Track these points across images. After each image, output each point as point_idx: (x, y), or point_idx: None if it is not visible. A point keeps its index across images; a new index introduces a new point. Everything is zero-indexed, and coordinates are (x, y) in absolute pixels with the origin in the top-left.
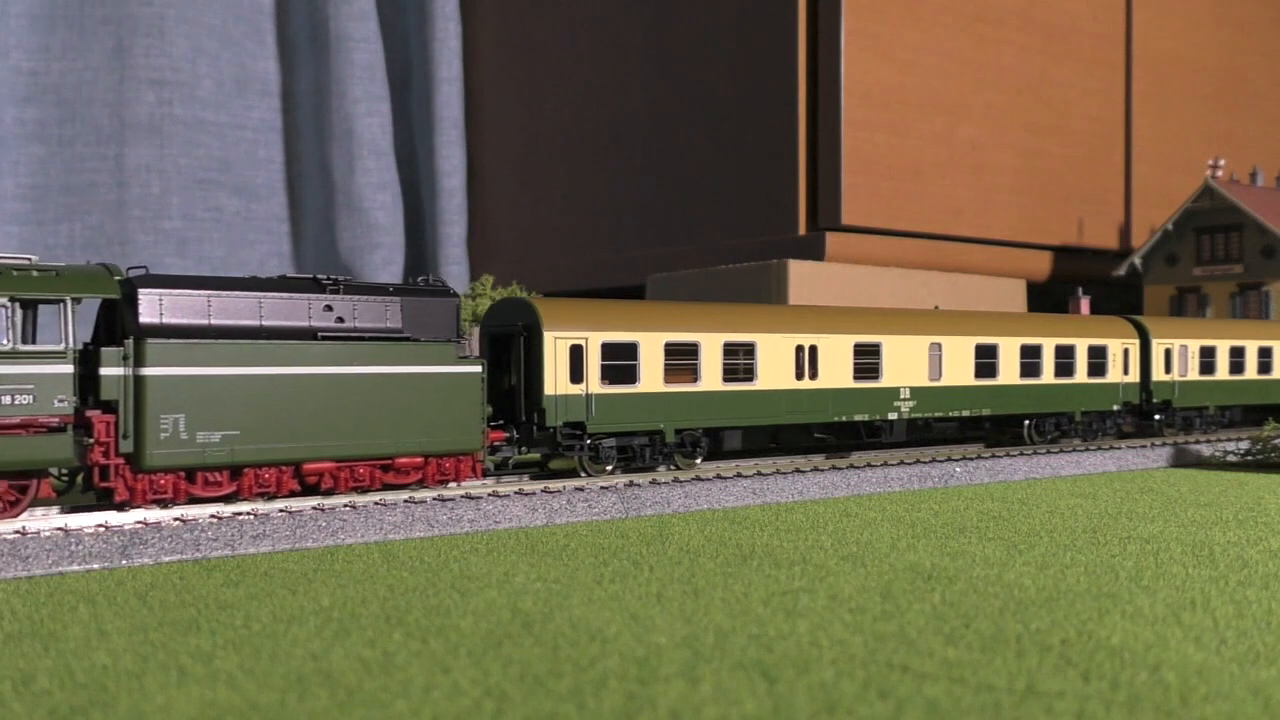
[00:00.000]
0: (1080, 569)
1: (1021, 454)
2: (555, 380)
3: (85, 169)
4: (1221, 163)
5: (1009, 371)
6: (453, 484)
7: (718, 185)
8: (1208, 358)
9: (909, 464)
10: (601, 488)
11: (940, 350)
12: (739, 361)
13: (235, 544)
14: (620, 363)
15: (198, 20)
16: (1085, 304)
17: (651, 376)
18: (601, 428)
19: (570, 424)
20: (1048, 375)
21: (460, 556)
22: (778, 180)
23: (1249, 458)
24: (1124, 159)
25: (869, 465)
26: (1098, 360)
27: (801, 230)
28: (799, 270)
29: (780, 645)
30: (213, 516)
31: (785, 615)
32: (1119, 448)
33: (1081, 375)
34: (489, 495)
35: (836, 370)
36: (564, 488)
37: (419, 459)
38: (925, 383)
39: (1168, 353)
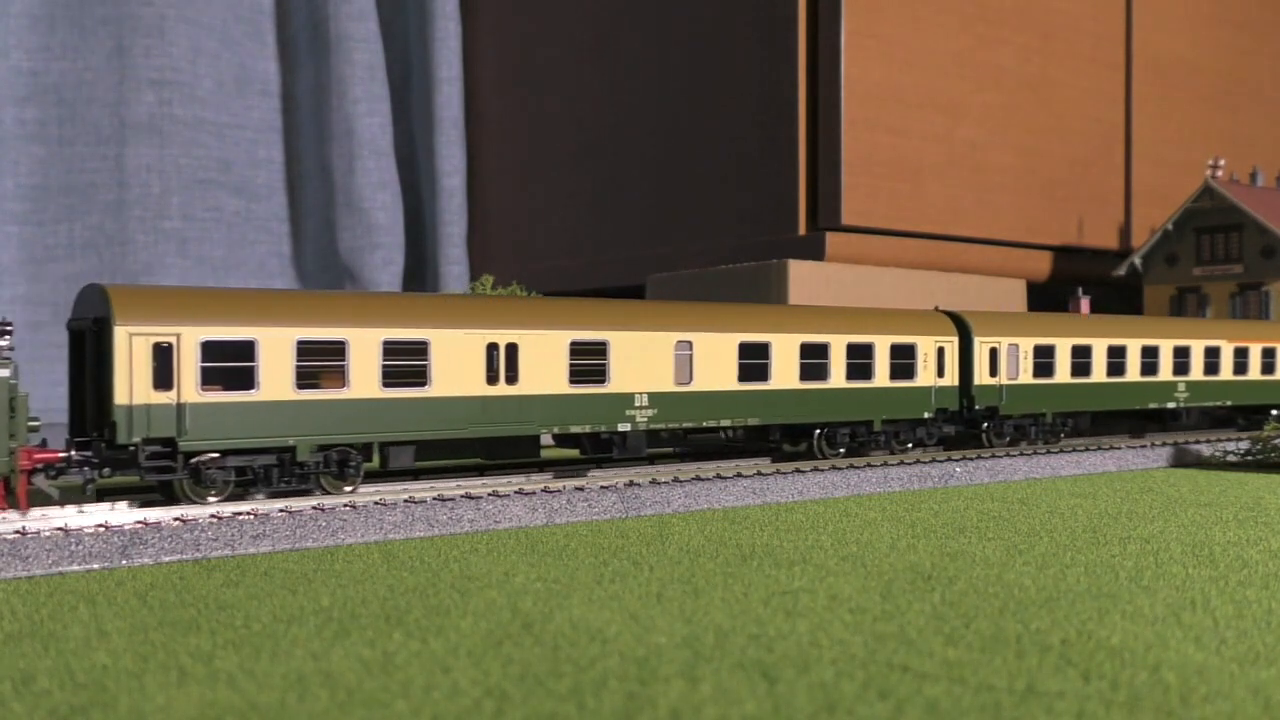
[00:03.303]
0: (1080, 569)
1: (1021, 454)
2: (131, 386)
3: (85, 169)
4: (1221, 163)
5: (785, 374)
6: None
7: (718, 185)
8: (1044, 358)
9: (909, 464)
10: (602, 487)
11: (690, 349)
12: (406, 363)
13: (235, 544)
14: (231, 365)
15: (198, 20)
16: (1085, 304)
17: (277, 381)
18: (202, 444)
19: (157, 440)
20: (837, 378)
21: (460, 556)
22: (778, 180)
23: (1249, 458)
24: (1124, 159)
25: (869, 465)
26: (904, 361)
27: (801, 230)
28: (799, 270)
29: (780, 645)
30: (213, 516)
31: (785, 615)
32: (1118, 447)
33: (883, 378)
34: (489, 495)
35: (546, 373)
36: (564, 487)
37: None
38: (670, 387)
39: (993, 352)
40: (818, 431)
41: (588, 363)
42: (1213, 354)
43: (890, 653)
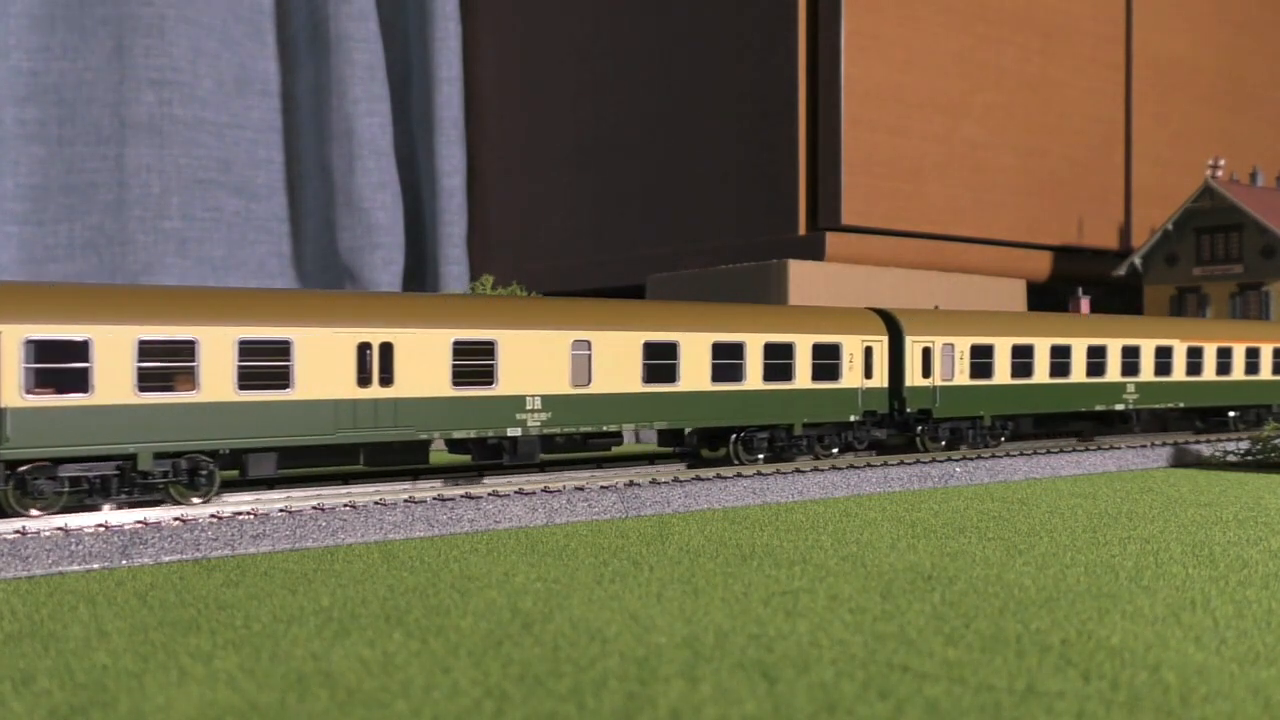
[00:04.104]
0: (1080, 569)
1: (1021, 454)
2: None
3: (85, 169)
4: (1221, 163)
5: (695, 375)
6: None
7: (717, 185)
8: (982, 358)
9: (909, 464)
10: (601, 487)
11: (589, 349)
12: (266, 364)
13: (235, 544)
14: (63, 365)
15: (198, 20)
16: (1085, 304)
17: (115, 383)
18: (26, 453)
19: None
20: (753, 379)
21: (460, 556)
22: (778, 180)
23: (1249, 458)
24: (1124, 159)
25: (869, 465)
26: (828, 361)
27: (801, 230)
28: (799, 270)
29: (780, 645)
30: (213, 516)
31: (785, 615)
32: (1119, 447)
33: (804, 379)
34: (489, 495)
35: (424, 374)
36: (564, 487)
37: None
38: (566, 389)
39: (926, 352)
40: (734, 436)
41: (473, 364)
42: (1164, 354)
43: (890, 653)
